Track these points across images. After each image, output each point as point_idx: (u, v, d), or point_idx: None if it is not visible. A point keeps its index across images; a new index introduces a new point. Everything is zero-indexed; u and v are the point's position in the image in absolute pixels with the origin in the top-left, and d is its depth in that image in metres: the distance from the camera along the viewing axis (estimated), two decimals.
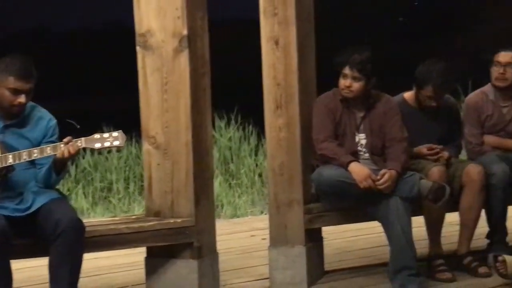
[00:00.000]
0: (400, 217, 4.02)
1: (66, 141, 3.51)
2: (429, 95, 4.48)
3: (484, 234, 4.63)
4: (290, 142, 4.23)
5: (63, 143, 3.52)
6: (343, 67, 4.20)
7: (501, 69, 4.62)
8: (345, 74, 4.20)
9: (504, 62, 4.63)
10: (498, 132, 4.72)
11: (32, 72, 3.61)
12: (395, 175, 4.07)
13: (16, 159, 3.51)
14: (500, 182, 4.40)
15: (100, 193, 7.34)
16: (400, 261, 3.99)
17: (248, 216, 6.85)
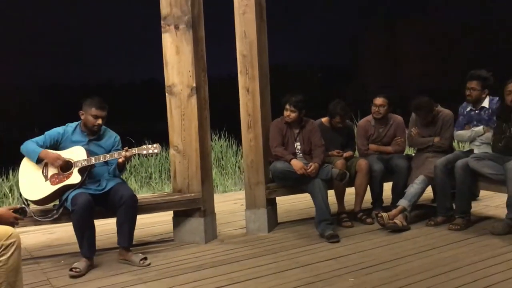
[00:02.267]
0: (321, 190, 4.05)
1: (125, 150, 3.59)
2: (337, 121, 4.57)
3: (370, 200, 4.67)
4: (257, 148, 4.24)
5: (123, 151, 3.60)
6: (286, 104, 4.26)
7: (377, 108, 4.69)
8: (287, 108, 4.25)
9: (378, 104, 4.69)
10: (377, 142, 4.76)
11: (105, 105, 3.66)
12: (318, 166, 4.10)
13: (96, 160, 3.57)
14: (378, 174, 4.47)
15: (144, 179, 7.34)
16: (321, 216, 4.01)
17: (232, 192, 6.86)
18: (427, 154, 4.51)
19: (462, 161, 4.12)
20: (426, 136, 4.59)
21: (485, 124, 4.28)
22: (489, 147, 4.17)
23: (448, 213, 4.28)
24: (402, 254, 3.50)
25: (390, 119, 4.76)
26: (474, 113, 4.38)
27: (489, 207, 4.85)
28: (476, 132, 4.29)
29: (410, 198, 4.25)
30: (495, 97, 4.32)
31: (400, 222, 4.13)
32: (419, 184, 4.31)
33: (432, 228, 4.17)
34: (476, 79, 4.29)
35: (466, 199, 4.18)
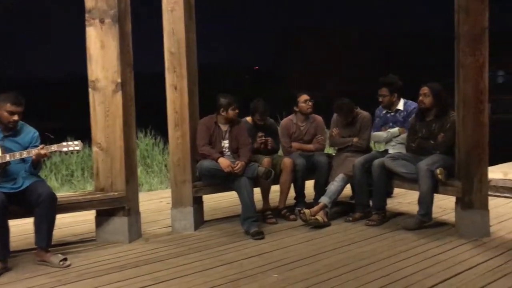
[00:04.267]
0: (247, 188, 4.05)
1: (41, 147, 3.37)
2: (258, 118, 4.55)
3: (293, 196, 4.73)
4: (183, 146, 4.16)
5: (40, 148, 3.39)
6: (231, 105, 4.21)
7: (309, 103, 4.75)
8: (233, 108, 4.20)
9: (305, 99, 4.77)
10: (299, 140, 4.83)
11: (22, 100, 3.41)
12: (244, 165, 4.10)
13: (12, 157, 3.33)
14: (300, 169, 4.54)
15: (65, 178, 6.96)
16: (247, 213, 4.01)
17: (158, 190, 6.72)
18: (346, 153, 4.64)
19: (379, 161, 4.28)
20: (346, 137, 4.72)
21: (400, 126, 4.48)
22: (403, 147, 4.37)
23: (365, 209, 4.42)
24: (323, 249, 3.57)
25: (311, 118, 4.86)
26: (389, 115, 4.57)
27: (402, 203, 5.08)
28: (392, 133, 4.47)
29: (330, 195, 4.36)
30: (409, 100, 4.54)
31: (321, 218, 4.22)
32: (339, 182, 4.43)
33: (350, 224, 4.30)
34: (384, 85, 4.50)
35: (382, 196, 4.35)
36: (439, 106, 4.09)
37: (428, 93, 4.12)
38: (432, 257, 3.35)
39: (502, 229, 3.97)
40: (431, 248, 3.54)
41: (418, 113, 4.23)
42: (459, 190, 3.81)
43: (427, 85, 4.17)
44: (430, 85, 4.15)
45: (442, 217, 4.44)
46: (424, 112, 4.19)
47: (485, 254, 3.38)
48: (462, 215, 3.83)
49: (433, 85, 4.15)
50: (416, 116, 4.27)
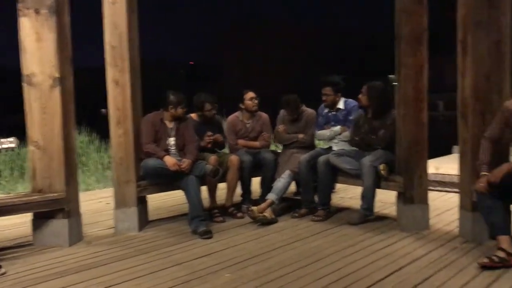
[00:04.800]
0: (194, 187, 3.98)
1: None
2: (209, 108, 4.52)
3: (240, 193, 4.72)
4: (126, 144, 4.01)
5: None
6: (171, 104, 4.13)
7: (255, 100, 4.77)
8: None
9: (251, 97, 4.77)
10: (245, 137, 4.82)
11: None
12: (191, 162, 4.02)
13: None
14: (247, 166, 4.53)
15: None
16: (194, 212, 3.94)
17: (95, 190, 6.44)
18: (292, 150, 4.68)
19: (324, 157, 4.35)
20: (292, 133, 4.76)
21: (341, 124, 4.58)
22: (346, 144, 4.48)
23: (311, 205, 4.48)
24: (272, 247, 3.58)
25: (257, 116, 4.86)
26: (331, 114, 4.66)
27: (344, 198, 5.22)
28: (334, 132, 4.56)
29: (277, 192, 4.38)
30: (349, 99, 4.65)
31: (269, 215, 4.23)
32: (286, 179, 4.47)
33: (297, 220, 4.34)
34: (328, 85, 4.57)
35: (327, 192, 4.42)
36: (375, 105, 4.20)
37: (364, 92, 4.24)
38: (378, 251, 3.45)
39: (439, 222, 4.16)
40: (376, 242, 3.64)
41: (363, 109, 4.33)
42: (401, 185, 3.93)
43: (367, 84, 4.27)
44: (368, 85, 4.26)
45: (383, 211, 4.59)
46: (366, 109, 4.30)
47: (426, 246, 3.52)
48: (403, 209, 3.96)
49: (371, 85, 4.25)
50: (361, 112, 4.37)
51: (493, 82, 3.39)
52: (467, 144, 3.54)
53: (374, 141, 4.20)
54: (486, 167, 3.23)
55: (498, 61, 3.38)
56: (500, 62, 3.38)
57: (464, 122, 3.55)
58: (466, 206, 3.62)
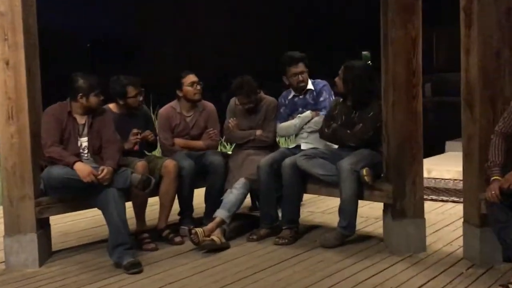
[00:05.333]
0: (116, 204, 3.84)
1: None
2: (132, 95, 4.40)
3: (177, 211, 4.64)
4: (21, 146, 3.80)
5: None
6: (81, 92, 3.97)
7: (197, 86, 4.69)
8: None
9: (191, 82, 4.69)
10: (184, 135, 4.77)
11: None
12: (112, 171, 3.89)
13: None
14: (188, 174, 4.45)
15: None
16: (117, 239, 3.80)
17: None
18: (248, 151, 4.64)
19: (290, 160, 4.32)
20: (247, 129, 4.73)
21: (312, 109, 4.61)
22: (320, 141, 4.49)
23: (273, 223, 4.45)
24: (225, 281, 3.51)
25: (200, 106, 4.81)
26: (298, 99, 4.68)
27: (314, 213, 5.21)
28: (303, 118, 4.58)
29: (229, 207, 4.32)
30: (317, 79, 4.69)
31: (218, 239, 4.16)
32: (240, 189, 4.40)
33: (255, 244, 4.29)
34: (302, 60, 4.58)
35: (295, 206, 4.41)
36: (353, 91, 4.23)
37: (340, 75, 4.27)
38: (363, 282, 3.44)
39: (438, 241, 4.21)
40: (360, 270, 3.63)
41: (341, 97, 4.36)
42: (389, 194, 3.95)
43: (344, 64, 4.30)
44: (345, 65, 4.29)
45: (366, 229, 4.61)
46: (345, 96, 4.32)
47: (424, 274, 3.54)
48: (392, 226, 3.98)
49: (348, 65, 4.28)
50: (338, 99, 4.39)
51: (505, 60, 3.45)
52: (473, 140, 3.58)
53: (347, 137, 4.22)
54: (499, 170, 3.27)
55: (510, 32, 3.44)
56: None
57: (470, 112, 3.60)
58: (472, 220, 3.66)
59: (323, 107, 4.56)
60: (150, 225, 4.43)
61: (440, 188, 6.15)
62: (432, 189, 6.03)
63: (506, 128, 3.32)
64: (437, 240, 4.21)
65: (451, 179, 6.44)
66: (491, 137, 3.36)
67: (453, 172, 6.48)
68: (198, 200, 4.74)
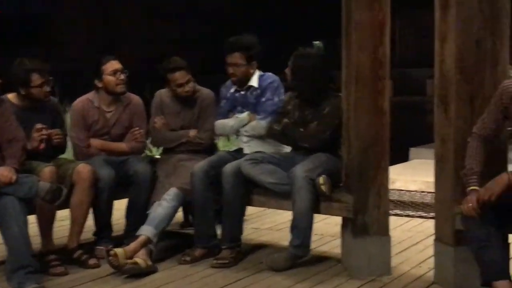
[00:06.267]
0: (17, 217, 3.75)
1: None
2: (37, 84, 4.30)
3: (92, 227, 4.57)
4: None
5: None
6: None
7: (121, 75, 4.62)
8: None
9: (113, 70, 4.61)
10: (103, 135, 4.71)
11: None
12: (14, 171, 3.81)
13: None
14: (106, 185, 4.41)
15: None
16: (18, 261, 3.71)
17: None
18: (180, 156, 4.64)
19: (232, 165, 4.33)
20: (178, 129, 4.73)
21: (251, 109, 4.64)
22: (264, 144, 4.52)
23: (210, 242, 4.45)
24: None
25: (124, 100, 4.78)
26: (239, 94, 4.72)
27: (260, 230, 5.25)
28: (240, 120, 4.62)
29: (157, 223, 4.29)
30: (267, 73, 4.72)
31: (143, 261, 4.13)
32: (170, 202, 4.38)
33: (189, 267, 4.28)
34: (238, 49, 4.60)
35: (237, 221, 4.42)
36: (305, 84, 4.28)
37: (290, 66, 4.34)
38: None
39: (405, 262, 4.29)
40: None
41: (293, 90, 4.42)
42: (350, 207, 3.99)
43: (295, 53, 4.36)
44: (296, 53, 4.35)
45: (321, 248, 4.65)
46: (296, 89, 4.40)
47: None
48: (352, 245, 4.02)
49: (299, 54, 4.34)
50: (291, 94, 4.44)
51: (486, 50, 3.52)
52: (447, 144, 3.65)
53: (300, 136, 4.27)
54: (477, 179, 3.33)
55: (493, 19, 3.51)
56: (496, 21, 3.52)
57: (444, 111, 3.66)
58: (445, 237, 3.73)
59: (263, 110, 4.57)
60: (59, 244, 4.39)
61: (405, 201, 6.29)
62: (396, 203, 6.16)
63: (485, 130, 3.38)
64: (404, 261, 4.28)
65: (417, 191, 6.60)
66: (468, 141, 3.42)
67: (419, 183, 6.65)
68: (119, 214, 4.68)
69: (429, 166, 3.78)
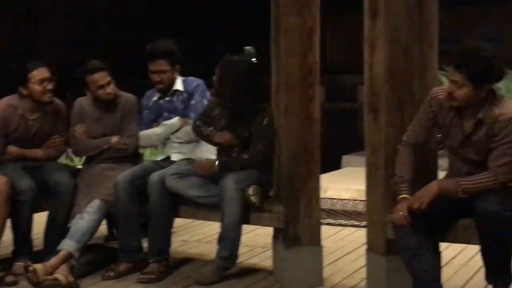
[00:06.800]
0: None
1: None
2: None
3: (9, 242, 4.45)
4: None
5: None
6: None
7: (48, 85, 4.49)
8: None
9: (41, 78, 4.47)
10: (25, 140, 4.57)
11: None
12: None
13: None
14: (27, 197, 4.31)
15: None
16: None
17: None
18: (102, 165, 4.58)
19: (159, 174, 4.30)
20: (100, 136, 4.67)
21: (180, 114, 4.61)
22: (194, 150, 4.51)
23: (135, 256, 4.39)
24: None
25: (49, 107, 4.67)
26: (163, 101, 4.70)
27: (188, 243, 5.19)
28: (169, 127, 4.58)
29: (78, 237, 4.22)
30: (189, 77, 4.73)
31: (64, 277, 4.05)
32: (93, 214, 4.31)
33: (113, 283, 4.24)
34: (160, 56, 4.57)
35: (164, 233, 4.36)
36: (234, 94, 4.21)
37: (217, 73, 4.30)
38: None
39: (337, 272, 4.31)
40: None
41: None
42: (281, 217, 3.99)
43: (222, 60, 4.32)
44: (223, 60, 4.30)
45: (252, 260, 4.64)
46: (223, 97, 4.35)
47: None
48: (284, 256, 4.03)
49: (226, 60, 4.30)
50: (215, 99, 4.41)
51: (415, 57, 3.56)
52: (378, 152, 3.67)
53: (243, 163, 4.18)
54: (407, 187, 3.38)
55: (421, 26, 3.56)
56: (424, 27, 3.57)
57: (374, 119, 3.68)
58: (376, 247, 3.74)
59: (193, 110, 4.56)
60: None
61: (337, 210, 6.30)
62: (328, 212, 6.17)
63: (415, 137, 3.44)
64: (336, 271, 4.31)
65: (350, 200, 6.62)
66: (398, 148, 3.46)
67: (352, 191, 6.68)
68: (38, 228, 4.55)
69: (362, 174, 3.79)
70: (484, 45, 3.34)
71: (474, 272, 4.12)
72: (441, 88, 3.41)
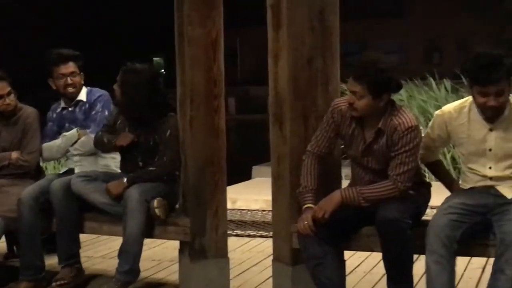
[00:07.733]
0: None
1: None
2: None
3: None
4: None
5: None
6: None
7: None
8: None
9: None
10: None
11: None
12: None
13: None
14: None
15: None
16: None
17: None
18: (1, 181, 4.50)
19: (61, 180, 4.29)
20: (0, 151, 4.57)
21: (79, 125, 4.59)
22: (95, 162, 4.51)
23: (38, 274, 4.31)
24: None
25: None
26: (66, 111, 4.68)
27: (93, 259, 5.15)
28: (68, 138, 4.56)
29: None
30: (94, 88, 4.71)
31: None
32: None
33: None
34: (71, 59, 4.57)
35: (72, 236, 4.32)
36: (135, 103, 4.18)
37: (118, 82, 4.26)
38: None
39: (244, 284, 4.38)
40: None
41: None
42: (187, 230, 4.01)
43: (123, 68, 4.28)
44: (124, 69, 4.27)
45: (158, 275, 4.65)
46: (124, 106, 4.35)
47: None
48: (190, 269, 4.04)
49: (127, 69, 4.27)
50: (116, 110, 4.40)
51: (318, 68, 3.67)
52: (283, 162, 3.75)
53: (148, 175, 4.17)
54: (312, 197, 3.47)
55: (323, 37, 3.68)
56: (326, 39, 3.69)
57: (279, 129, 3.77)
58: (282, 257, 3.80)
59: (92, 121, 4.55)
60: None
61: (246, 221, 6.36)
62: (237, 223, 6.22)
63: (319, 147, 3.53)
64: (243, 283, 4.36)
65: (259, 210, 6.71)
66: (303, 159, 3.55)
67: (261, 202, 6.77)
68: None
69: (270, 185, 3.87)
70: (383, 57, 3.46)
71: (377, 279, 4.25)
72: (342, 99, 3.51)
